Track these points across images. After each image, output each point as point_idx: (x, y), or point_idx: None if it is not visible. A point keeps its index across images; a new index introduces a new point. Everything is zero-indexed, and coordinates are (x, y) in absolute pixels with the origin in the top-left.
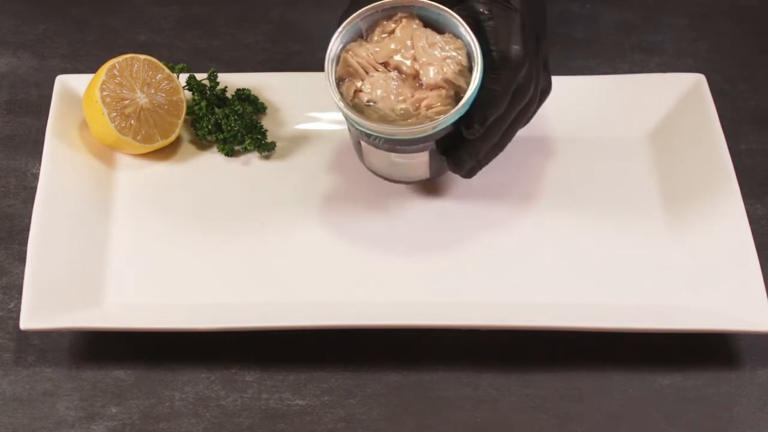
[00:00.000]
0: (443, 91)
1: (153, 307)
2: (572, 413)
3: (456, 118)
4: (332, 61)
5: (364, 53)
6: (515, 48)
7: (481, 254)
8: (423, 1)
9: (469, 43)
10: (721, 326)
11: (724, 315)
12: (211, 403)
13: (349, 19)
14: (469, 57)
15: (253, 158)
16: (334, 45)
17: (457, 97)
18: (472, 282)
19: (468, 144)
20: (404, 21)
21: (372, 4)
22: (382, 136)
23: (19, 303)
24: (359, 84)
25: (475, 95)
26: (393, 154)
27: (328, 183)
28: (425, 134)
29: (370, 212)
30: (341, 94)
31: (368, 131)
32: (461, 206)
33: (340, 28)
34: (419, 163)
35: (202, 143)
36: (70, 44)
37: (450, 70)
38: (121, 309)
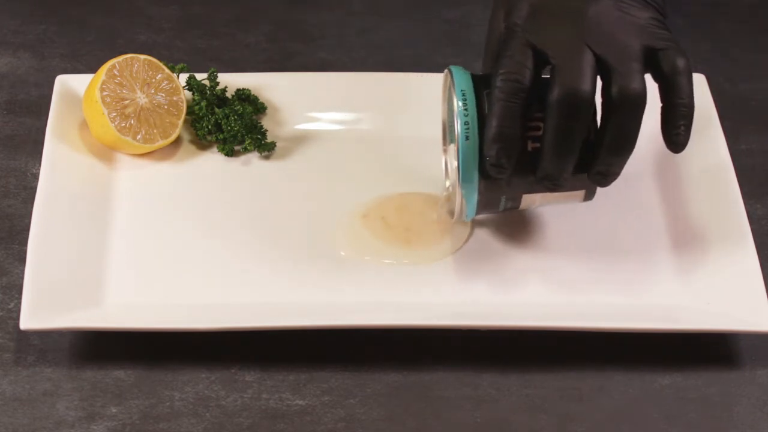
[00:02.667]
0: None
1: (153, 307)
2: (572, 413)
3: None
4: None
5: None
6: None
7: (481, 254)
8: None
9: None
10: (721, 326)
11: (724, 315)
12: (211, 403)
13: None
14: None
15: (253, 158)
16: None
17: None
18: (472, 282)
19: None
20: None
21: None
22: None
23: (19, 303)
24: None
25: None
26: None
27: (328, 183)
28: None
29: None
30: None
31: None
32: None
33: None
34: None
35: (202, 143)
36: (70, 44)
37: None
38: (121, 309)
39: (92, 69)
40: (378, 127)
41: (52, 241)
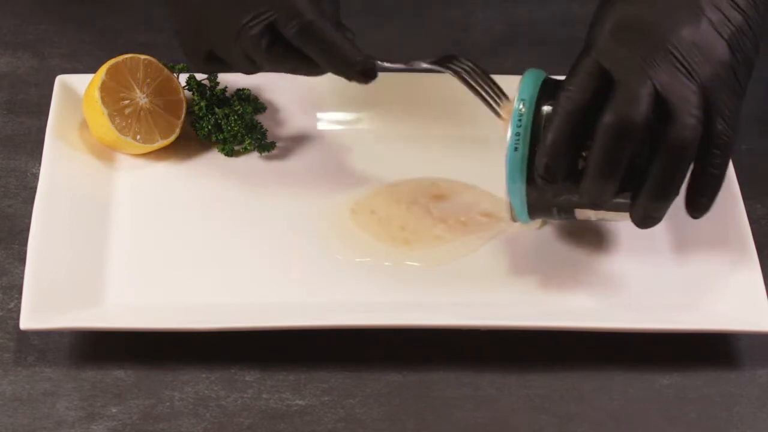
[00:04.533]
0: None
1: (153, 307)
2: (572, 413)
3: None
4: None
5: None
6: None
7: (481, 254)
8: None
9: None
10: (721, 326)
11: (724, 315)
12: (211, 403)
13: None
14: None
15: (253, 158)
16: None
17: None
18: (472, 282)
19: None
20: None
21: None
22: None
23: (19, 303)
24: None
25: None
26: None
27: (327, 183)
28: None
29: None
30: None
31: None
32: None
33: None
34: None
35: (202, 143)
36: (70, 44)
37: None
38: (121, 309)
39: (92, 69)
40: (378, 127)
41: (52, 241)
